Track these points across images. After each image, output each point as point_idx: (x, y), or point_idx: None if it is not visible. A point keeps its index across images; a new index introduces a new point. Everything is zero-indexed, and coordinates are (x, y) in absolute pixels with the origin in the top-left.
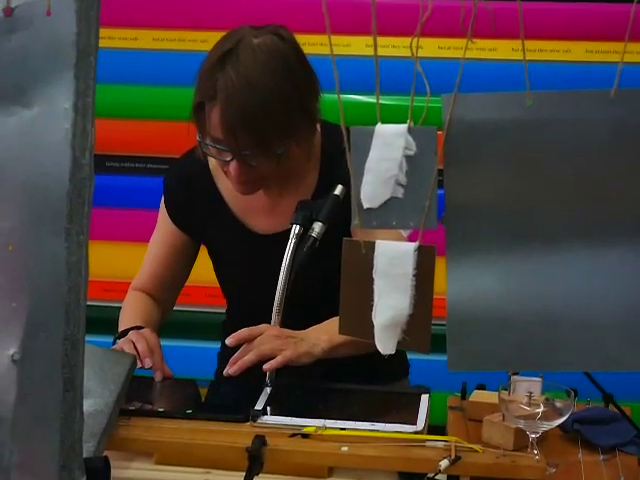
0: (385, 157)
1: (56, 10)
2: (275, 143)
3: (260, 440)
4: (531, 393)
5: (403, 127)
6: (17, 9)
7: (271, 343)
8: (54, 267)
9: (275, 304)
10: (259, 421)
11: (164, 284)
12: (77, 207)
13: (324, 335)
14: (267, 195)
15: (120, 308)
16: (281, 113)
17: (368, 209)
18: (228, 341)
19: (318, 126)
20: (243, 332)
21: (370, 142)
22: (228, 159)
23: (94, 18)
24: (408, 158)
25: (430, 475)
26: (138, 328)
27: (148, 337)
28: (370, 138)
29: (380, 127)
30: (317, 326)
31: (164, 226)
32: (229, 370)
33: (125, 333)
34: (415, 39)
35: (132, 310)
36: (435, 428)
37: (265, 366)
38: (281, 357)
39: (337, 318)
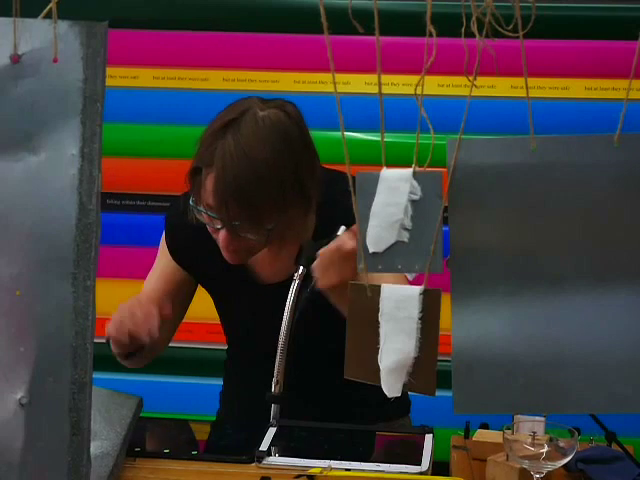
0: (390, 202)
1: (63, 57)
2: (266, 218)
3: None
4: (534, 433)
5: (408, 172)
6: (24, 56)
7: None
8: (61, 312)
9: (280, 344)
10: (264, 462)
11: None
12: (84, 252)
13: None
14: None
15: None
16: (275, 189)
17: (373, 253)
18: None
19: None
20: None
21: (375, 186)
22: (218, 227)
23: (101, 65)
24: (413, 202)
25: None
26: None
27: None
28: (375, 183)
29: (385, 172)
30: None
31: (163, 262)
32: None
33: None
34: (419, 80)
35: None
36: (437, 465)
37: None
38: None
39: None
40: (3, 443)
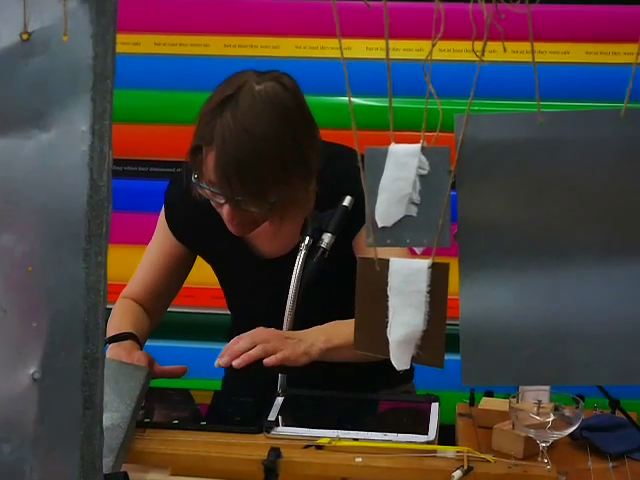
0: (399, 176)
1: (73, 34)
2: (269, 191)
3: (275, 452)
4: (540, 401)
5: (416, 147)
6: (34, 33)
7: (273, 342)
8: (73, 287)
9: (286, 313)
10: (273, 432)
11: (156, 294)
12: (95, 228)
13: (322, 336)
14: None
15: None
16: (276, 162)
17: (382, 227)
18: (235, 363)
19: None
20: (243, 345)
21: (384, 161)
22: (222, 202)
23: (110, 42)
24: (421, 177)
25: None
26: (128, 334)
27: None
28: (384, 157)
29: (394, 147)
30: (317, 327)
31: (163, 236)
32: (234, 363)
33: (115, 338)
34: (429, 52)
35: (121, 316)
36: (442, 428)
37: (266, 361)
38: (280, 354)
39: (339, 322)
40: (16, 417)
